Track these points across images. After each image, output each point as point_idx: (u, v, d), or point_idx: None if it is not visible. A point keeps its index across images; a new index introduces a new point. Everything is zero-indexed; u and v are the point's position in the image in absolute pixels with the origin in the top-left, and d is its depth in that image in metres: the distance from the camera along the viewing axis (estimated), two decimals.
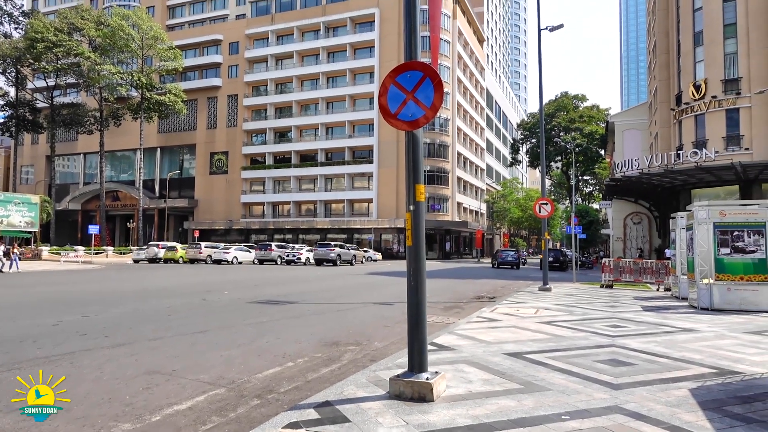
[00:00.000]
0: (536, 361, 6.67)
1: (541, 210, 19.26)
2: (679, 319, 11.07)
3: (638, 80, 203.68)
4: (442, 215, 62.33)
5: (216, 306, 12.79)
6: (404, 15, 5.40)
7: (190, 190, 69.91)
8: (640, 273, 20.71)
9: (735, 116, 32.11)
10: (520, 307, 12.90)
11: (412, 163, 5.19)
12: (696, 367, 6.49)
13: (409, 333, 5.12)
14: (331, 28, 65.86)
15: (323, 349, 7.70)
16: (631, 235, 43.50)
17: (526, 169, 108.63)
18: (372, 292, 17.63)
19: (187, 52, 69.67)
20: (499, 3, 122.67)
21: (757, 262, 12.48)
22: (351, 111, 63.06)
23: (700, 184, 32.95)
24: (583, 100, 66.42)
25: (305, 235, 63.43)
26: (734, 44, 32.38)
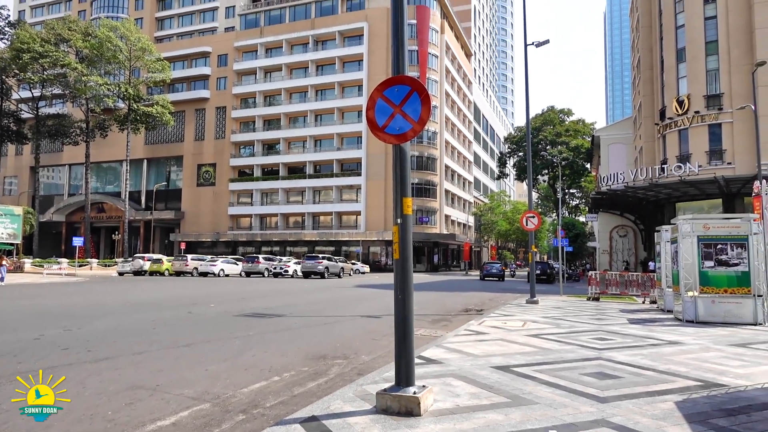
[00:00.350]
0: (523, 374, 6.67)
1: (528, 223, 19.38)
2: (665, 332, 11.15)
3: (623, 95, 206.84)
4: (430, 228, 62.44)
5: (202, 319, 12.65)
6: (392, 30, 5.45)
7: (176, 202, 69.42)
8: (626, 286, 20.87)
9: (717, 131, 32.69)
10: (507, 320, 12.91)
11: (399, 176, 5.20)
12: (681, 379, 6.53)
13: (396, 347, 5.10)
14: (320, 41, 66.22)
15: (310, 363, 7.63)
16: (617, 247, 43.88)
17: (514, 182, 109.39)
18: (359, 304, 17.55)
19: (176, 64, 69.58)
20: (486, 18, 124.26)
21: (740, 275, 12.63)
22: (339, 123, 63.24)
23: (685, 198, 33.42)
24: (569, 114, 67.21)
25: (293, 248, 63.15)
26: (716, 61, 33.07)
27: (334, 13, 65.95)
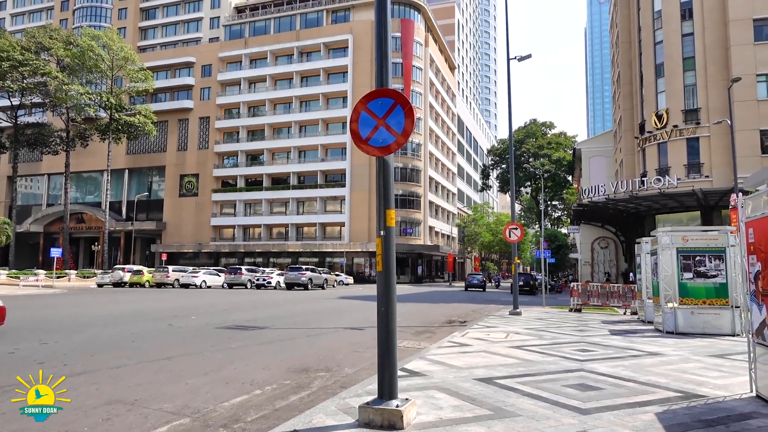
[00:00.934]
0: (506, 386, 6.68)
1: (512, 234, 19.51)
2: (646, 343, 11.26)
3: (603, 109, 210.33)
4: (414, 239, 62.54)
5: (183, 332, 12.47)
6: (375, 43, 5.49)
7: (158, 213, 68.63)
8: (608, 297, 21.08)
9: (695, 145, 33.36)
10: (490, 332, 12.95)
11: (382, 188, 5.22)
12: (662, 390, 6.59)
13: (379, 359, 5.08)
14: (305, 53, 66.40)
15: (292, 376, 7.56)
16: (598, 259, 44.37)
17: (497, 194, 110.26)
18: (343, 316, 17.47)
19: (159, 74, 69.15)
20: (470, 32, 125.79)
21: (719, 287, 12.84)
22: (324, 135, 63.29)
23: (664, 210, 33.97)
24: (551, 127, 68.08)
25: (276, 259, 62.72)
26: (693, 77, 33.84)
27: (319, 25, 66.23)
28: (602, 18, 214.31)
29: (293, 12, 67.78)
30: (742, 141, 29.82)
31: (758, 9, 32.29)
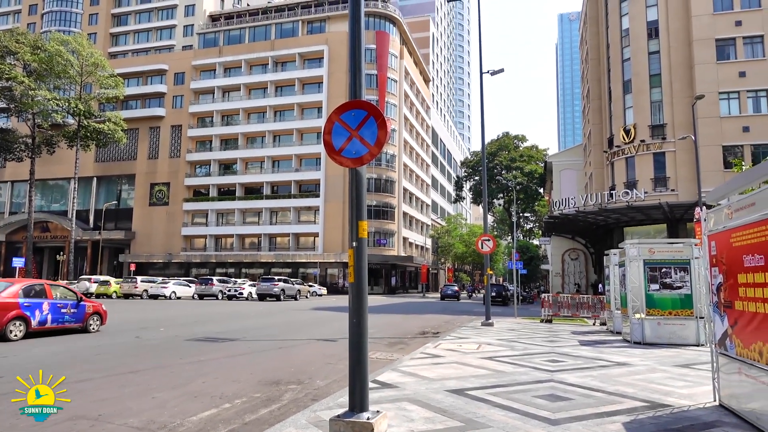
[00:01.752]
0: (478, 397, 6.70)
1: (484, 246, 19.68)
2: (614, 353, 11.46)
3: (574, 123, 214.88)
4: (388, 250, 62.55)
5: (150, 344, 12.19)
6: (349, 55, 5.52)
7: (127, 222, 67.16)
8: (578, 308, 21.40)
9: (662, 159, 34.31)
10: (463, 343, 13.00)
11: (355, 199, 5.22)
12: (629, 400, 6.70)
13: (350, 371, 5.04)
14: (280, 62, 66.22)
15: (263, 389, 7.45)
16: (569, 270, 45.05)
17: (470, 205, 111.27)
18: (316, 328, 17.33)
19: (130, 81, 67.99)
20: (444, 46, 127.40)
21: (684, 298, 13.16)
22: (298, 144, 63.02)
23: (632, 223, 34.75)
24: (523, 140, 69.19)
25: (249, 269, 61.93)
26: (659, 93, 34.88)
27: (295, 36, 66.18)
28: (573, 35, 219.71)
29: (268, 22, 67.62)
30: (706, 156, 30.80)
31: (720, 30, 33.55)
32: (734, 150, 32.18)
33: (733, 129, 32.52)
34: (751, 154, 31.56)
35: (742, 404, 5.96)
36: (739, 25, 33.45)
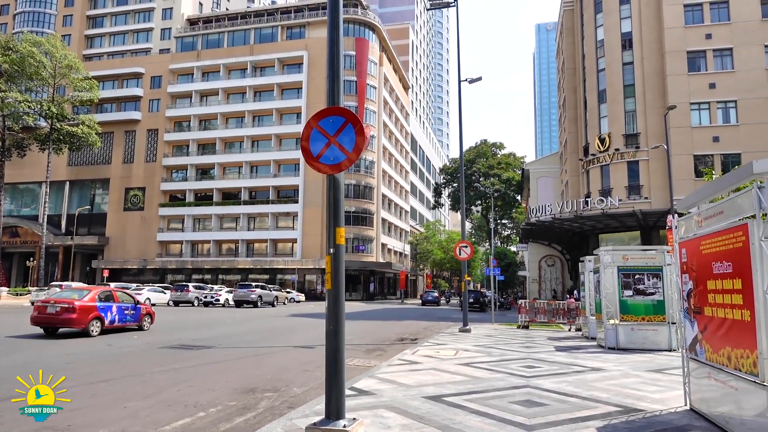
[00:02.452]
0: (454, 403, 6.72)
1: (462, 252, 19.80)
2: (589, 359, 11.61)
3: (551, 131, 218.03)
4: (366, 256, 62.46)
5: (123, 352, 11.95)
6: (328, 61, 5.53)
7: (101, 227, 65.84)
8: (554, 314, 21.63)
9: (635, 168, 35.03)
10: (440, 349, 13.03)
11: (332, 206, 5.21)
12: (603, 405, 6.80)
13: (327, 379, 5.02)
14: (259, 67, 65.89)
15: (239, 397, 7.36)
16: (545, 276, 45.58)
17: (448, 212, 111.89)
18: (293, 334, 17.20)
19: (105, 84, 66.86)
20: (424, 53, 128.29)
21: (656, 304, 13.42)
22: (277, 150, 62.66)
23: (607, 230, 35.35)
24: (501, 147, 69.91)
25: (226, 276, 61.21)
26: (633, 103, 35.66)
27: (274, 41, 65.95)
28: (549, 45, 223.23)
29: (247, 26, 67.28)
30: (678, 165, 31.54)
31: (691, 42, 34.49)
32: (705, 159, 33.04)
33: (703, 139, 33.39)
34: (721, 164, 32.43)
35: (712, 408, 6.09)
36: (709, 38, 34.42)
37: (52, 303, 15.08)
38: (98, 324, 15.39)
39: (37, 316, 15.06)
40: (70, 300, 15.05)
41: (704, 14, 34.94)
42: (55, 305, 14.86)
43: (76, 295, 15.47)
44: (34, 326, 15.25)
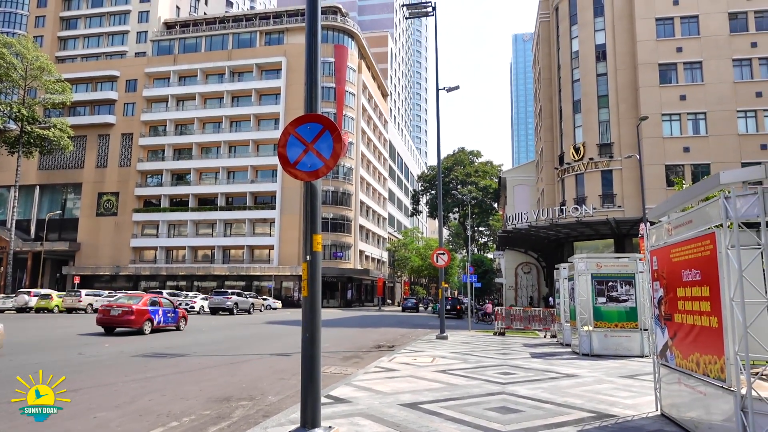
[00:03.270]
0: (431, 411, 6.73)
1: (439, 260, 19.89)
2: (564, 365, 11.74)
3: (527, 140, 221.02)
4: (344, 263, 62.27)
5: (94, 360, 11.67)
6: (306, 68, 5.53)
7: (72, 233, 64.34)
8: (530, 320, 21.85)
9: (609, 177, 35.68)
10: (417, 356, 13.04)
11: (309, 212, 5.20)
12: (577, 411, 6.88)
13: (302, 387, 4.98)
14: (237, 72, 65.42)
15: (213, 406, 7.25)
16: (522, 283, 46.00)
17: (426, 219, 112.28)
18: (269, 342, 17.03)
19: (79, 86, 65.59)
20: (402, 62, 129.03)
21: (629, 311, 13.66)
22: (254, 156, 62.19)
23: (582, 237, 35.89)
24: (478, 156, 70.57)
25: (201, 282, 60.34)
26: (607, 113, 36.37)
27: (252, 46, 65.60)
28: (526, 55, 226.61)
29: (226, 31, 66.81)
30: (650, 174, 32.25)
31: (663, 55, 35.38)
32: (676, 169, 33.83)
33: (674, 149, 34.21)
34: (692, 173, 33.26)
35: (682, 413, 6.22)
36: (680, 51, 35.37)
37: (114, 307, 18.64)
38: (149, 324, 18.81)
39: (102, 318, 18.68)
40: (128, 305, 18.56)
41: (675, 28, 35.90)
42: (117, 309, 18.49)
43: (132, 301, 18.99)
44: (98, 326, 18.98)
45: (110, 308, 18.67)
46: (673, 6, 35.90)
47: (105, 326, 18.73)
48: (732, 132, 33.64)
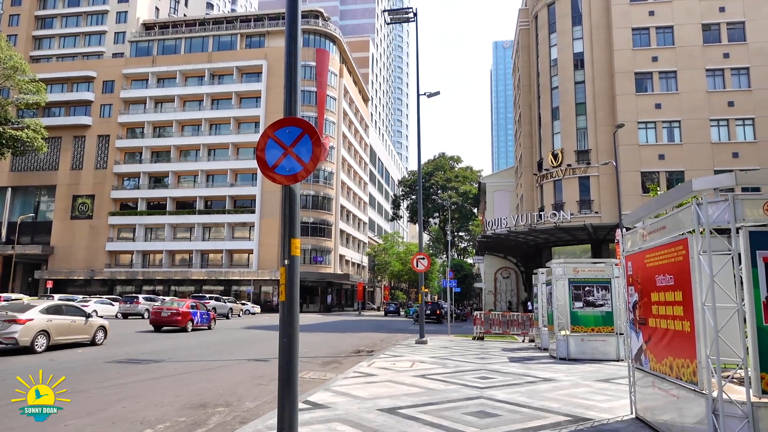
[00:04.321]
0: (409, 416, 6.72)
1: (419, 264, 19.93)
2: (541, 369, 11.84)
3: (507, 146, 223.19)
4: (324, 267, 62.02)
5: (66, 367, 11.42)
6: (285, 72, 5.51)
7: (45, 236, 62.91)
8: (508, 325, 22.00)
9: (586, 183, 36.21)
10: (396, 361, 13.03)
11: (288, 216, 5.17)
12: (554, 415, 6.94)
13: (279, 393, 4.93)
14: (217, 75, 64.84)
15: (189, 412, 7.14)
16: (501, 288, 46.34)
17: (407, 224, 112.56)
18: (247, 347, 16.86)
19: (54, 87, 64.34)
20: (384, 66, 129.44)
21: (605, 315, 13.85)
22: (234, 159, 61.64)
23: (560, 243, 36.32)
24: (459, 161, 71.00)
25: (179, 287, 59.48)
26: (584, 120, 36.94)
27: (233, 49, 65.14)
28: (506, 62, 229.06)
29: (206, 33, 66.22)
30: (627, 181, 32.81)
31: (639, 64, 36.10)
32: (651, 176, 34.48)
33: (650, 156, 34.87)
34: (666, 180, 33.93)
35: (656, 416, 6.31)
36: (655, 61, 36.12)
37: (164, 309, 23.01)
38: (190, 324, 22.88)
39: (154, 318, 22.88)
40: (176, 308, 22.96)
41: (651, 38, 36.66)
42: (167, 311, 22.83)
43: (177, 305, 23.48)
44: (150, 325, 23.20)
45: (161, 310, 22.91)
46: (649, 16, 36.67)
47: (156, 325, 22.83)
48: (705, 140, 34.43)
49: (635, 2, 36.86)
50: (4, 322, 13.47)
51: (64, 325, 14.85)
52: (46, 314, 14.42)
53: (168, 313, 22.48)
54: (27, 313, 13.97)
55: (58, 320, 14.73)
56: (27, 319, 13.74)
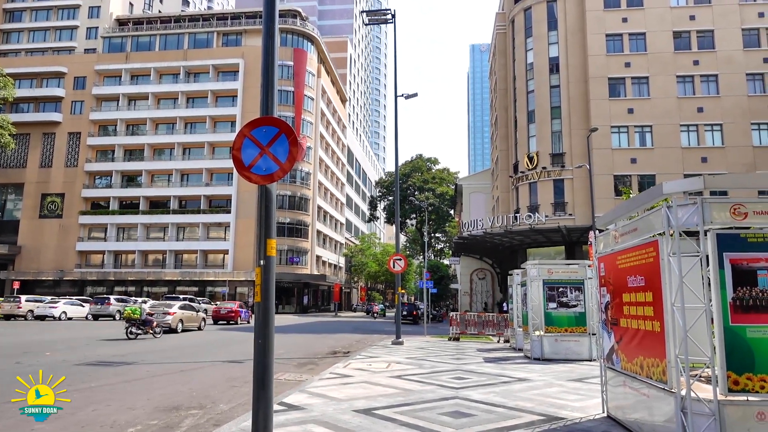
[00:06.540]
0: (385, 416, 6.72)
1: (395, 265, 19.96)
2: (516, 369, 11.97)
3: (483, 148, 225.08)
4: (300, 268, 61.66)
5: (33, 370, 11.09)
6: (262, 71, 5.47)
7: (12, 235, 61.12)
8: (483, 326, 22.19)
9: (561, 186, 36.76)
10: (372, 362, 13.02)
11: (264, 217, 5.13)
12: (527, 415, 7.02)
13: (254, 395, 4.88)
14: (193, 73, 63.91)
15: (160, 416, 7.02)
16: (477, 289, 46.70)
17: (384, 225, 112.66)
18: (221, 349, 16.67)
19: (22, 82, 62.61)
20: (362, 67, 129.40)
21: (578, 316, 14.07)
22: (210, 158, 60.85)
23: (534, 244, 36.78)
24: (436, 163, 71.36)
25: (151, 288, 58.42)
26: (559, 124, 37.51)
27: (209, 47, 64.31)
28: (483, 65, 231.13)
29: (181, 31, 65.28)
30: (600, 184, 33.40)
31: (612, 69, 36.82)
32: (624, 179, 35.18)
33: (622, 160, 35.57)
34: (638, 184, 34.65)
35: (627, 415, 6.43)
36: (628, 67, 36.88)
37: (223, 308, 34.12)
38: (238, 319, 32.99)
39: (215, 314, 33.48)
40: (231, 307, 34.08)
41: (624, 44, 37.42)
42: (224, 310, 33.83)
43: (230, 305, 34.94)
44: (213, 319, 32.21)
45: (220, 309, 34.16)
46: (623, 23, 37.43)
47: (216, 319, 32.88)
48: (676, 145, 35.27)
49: (609, 9, 37.58)
50: (163, 313, 22.79)
51: (189, 315, 24.80)
52: (181, 309, 24.24)
53: (226, 311, 33.51)
54: (173, 308, 23.84)
55: (187, 313, 24.64)
56: (173, 312, 23.42)
